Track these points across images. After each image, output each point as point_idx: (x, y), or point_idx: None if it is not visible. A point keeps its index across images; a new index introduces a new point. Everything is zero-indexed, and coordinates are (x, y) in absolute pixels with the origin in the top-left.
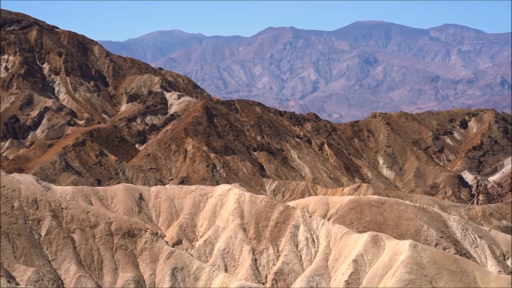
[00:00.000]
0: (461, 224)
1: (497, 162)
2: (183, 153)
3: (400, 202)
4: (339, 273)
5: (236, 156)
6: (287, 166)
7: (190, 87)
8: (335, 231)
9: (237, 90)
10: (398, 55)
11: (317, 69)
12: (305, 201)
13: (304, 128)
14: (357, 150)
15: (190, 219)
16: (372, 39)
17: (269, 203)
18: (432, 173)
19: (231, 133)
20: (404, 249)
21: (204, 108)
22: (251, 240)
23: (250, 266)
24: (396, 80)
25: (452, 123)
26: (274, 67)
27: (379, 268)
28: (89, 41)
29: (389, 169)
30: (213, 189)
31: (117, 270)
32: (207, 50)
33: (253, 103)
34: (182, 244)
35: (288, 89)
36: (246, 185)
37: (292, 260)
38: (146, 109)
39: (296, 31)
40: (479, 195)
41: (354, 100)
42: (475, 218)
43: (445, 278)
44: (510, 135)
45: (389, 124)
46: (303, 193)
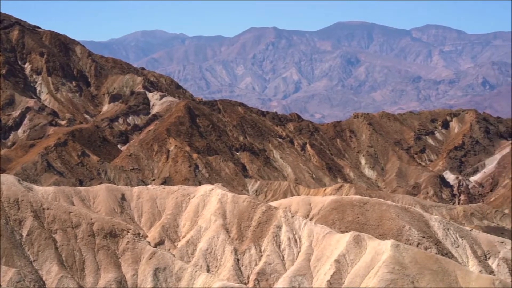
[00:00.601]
0: (443, 224)
1: (478, 162)
2: (166, 153)
3: (382, 202)
4: (321, 273)
5: (218, 156)
6: (270, 166)
7: (173, 87)
8: (317, 231)
9: (219, 90)
10: (380, 55)
11: (299, 69)
12: (287, 201)
13: (286, 128)
14: (339, 150)
15: (172, 219)
16: (354, 40)
17: (251, 203)
18: (414, 173)
19: (214, 133)
20: (386, 249)
21: (186, 108)
22: (233, 240)
23: (233, 266)
24: (378, 80)
25: (433, 123)
26: (256, 67)
27: (361, 268)
28: (71, 41)
29: (371, 169)
30: (196, 190)
31: (99, 271)
32: (190, 50)
33: (235, 103)
34: (164, 244)
35: (271, 89)
36: (229, 185)
37: (274, 260)
38: (128, 109)
39: (279, 32)
40: (461, 195)
41: (336, 101)
42: (456, 218)
43: (426, 278)
44: (492, 135)
45: (371, 125)
46: (285, 193)
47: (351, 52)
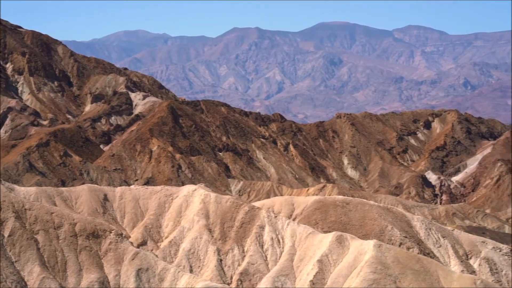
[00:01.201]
0: (425, 224)
1: (460, 163)
2: (148, 154)
3: (364, 202)
4: (304, 273)
5: (201, 157)
6: (253, 166)
7: (155, 88)
8: (300, 231)
9: (202, 90)
10: (362, 56)
11: (282, 69)
12: (270, 202)
13: (269, 128)
14: (322, 151)
15: (155, 219)
16: (337, 40)
17: (234, 203)
18: (396, 173)
19: (197, 134)
20: (368, 249)
21: (169, 109)
22: (216, 241)
23: (215, 267)
24: (361, 81)
25: (416, 123)
26: (239, 67)
27: (344, 268)
28: (53, 41)
29: (354, 170)
30: (178, 190)
31: (81, 271)
32: (172, 50)
33: (218, 103)
34: (147, 245)
35: (254, 90)
36: (212, 185)
37: (257, 261)
38: (110, 110)
39: (262, 32)
40: (443, 195)
41: (319, 101)
42: (438, 218)
43: (409, 277)
44: (473, 136)
45: (353, 125)
46: (268, 193)
47: (334, 52)
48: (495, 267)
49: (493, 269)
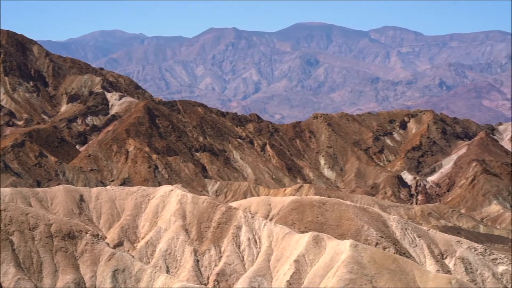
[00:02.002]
0: (401, 224)
1: (435, 163)
2: (125, 154)
3: (341, 203)
4: (280, 273)
5: (178, 157)
6: (230, 167)
7: (132, 88)
8: (277, 232)
9: (179, 90)
10: (339, 56)
11: (259, 70)
12: (247, 202)
13: (246, 129)
14: (299, 151)
15: (131, 220)
16: (314, 41)
17: (211, 204)
18: (373, 173)
19: (173, 134)
20: (345, 249)
21: (146, 109)
22: (193, 241)
23: (192, 267)
24: (337, 81)
25: (392, 124)
26: (216, 67)
27: (321, 268)
28: (28, 41)
29: (330, 170)
30: (155, 190)
31: (57, 273)
32: (149, 50)
33: (195, 103)
34: (123, 245)
35: (231, 90)
36: (188, 186)
37: (234, 261)
38: (86, 110)
39: (238, 32)
40: (418, 195)
41: (296, 101)
42: (414, 217)
43: (385, 277)
44: (448, 136)
45: (330, 125)
46: (245, 193)
47: (310, 53)
48: (470, 267)
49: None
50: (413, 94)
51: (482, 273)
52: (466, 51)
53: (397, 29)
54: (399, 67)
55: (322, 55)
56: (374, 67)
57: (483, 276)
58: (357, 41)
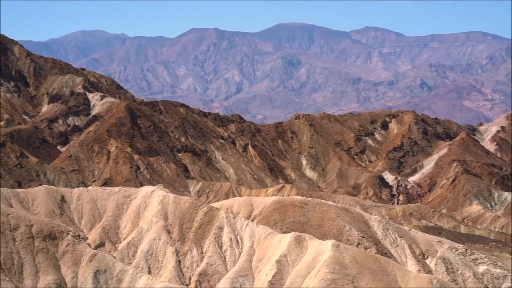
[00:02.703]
0: (382, 224)
1: (416, 163)
2: (106, 155)
3: (323, 203)
4: (262, 273)
5: (160, 158)
6: (212, 167)
7: (113, 88)
8: (259, 232)
9: (161, 91)
10: (320, 57)
11: (241, 70)
12: (229, 202)
13: (228, 129)
14: (281, 151)
15: (113, 221)
16: (295, 41)
17: (193, 204)
18: (354, 173)
19: (155, 134)
20: (326, 249)
21: (127, 109)
22: (175, 242)
23: (174, 268)
24: (319, 81)
25: (373, 124)
26: (198, 68)
27: (302, 268)
28: (9, 41)
29: (312, 170)
30: (137, 191)
31: (38, 273)
32: (131, 50)
33: (177, 104)
34: (105, 246)
35: (212, 90)
36: (170, 186)
37: (216, 261)
38: (68, 110)
39: (220, 32)
40: (400, 195)
41: (277, 102)
42: (395, 218)
43: (366, 277)
44: (429, 136)
45: (312, 126)
46: (227, 194)
47: (292, 53)
48: (451, 267)
49: (449, 268)
50: (394, 95)
51: (463, 273)
52: (447, 51)
53: (379, 30)
54: (380, 68)
55: (304, 55)
56: (356, 68)
57: (464, 276)
58: (338, 41)
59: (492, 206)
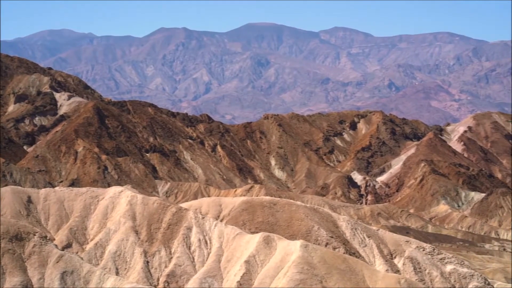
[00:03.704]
0: (351, 224)
1: (385, 163)
2: (74, 155)
3: (291, 203)
4: (231, 274)
5: (128, 158)
6: (180, 167)
7: (81, 88)
8: (227, 232)
9: (129, 91)
10: (289, 57)
11: (209, 70)
12: (197, 203)
13: (197, 129)
14: (250, 151)
15: (80, 221)
16: (264, 41)
17: (161, 205)
18: (323, 173)
19: (123, 135)
20: (295, 249)
21: (95, 109)
22: (143, 243)
23: (142, 269)
24: (288, 82)
25: (342, 124)
26: (166, 68)
27: (271, 269)
28: None
29: (281, 170)
30: (105, 191)
31: (4, 275)
32: (98, 50)
33: (145, 104)
34: (72, 247)
35: (181, 90)
36: (139, 187)
37: (184, 262)
38: (34, 110)
39: (189, 32)
40: (368, 195)
41: (246, 102)
42: (364, 218)
43: (334, 277)
44: (397, 136)
45: (281, 126)
46: (196, 194)
47: (261, 53)
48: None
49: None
50: (362, 95)
51: (431, 272)
52: (414, 52)
53: (347, 30)
54: (349, 68)
55: (272, 55)
56: (324, 68)
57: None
58: (307, 42)
59: (459, 206)
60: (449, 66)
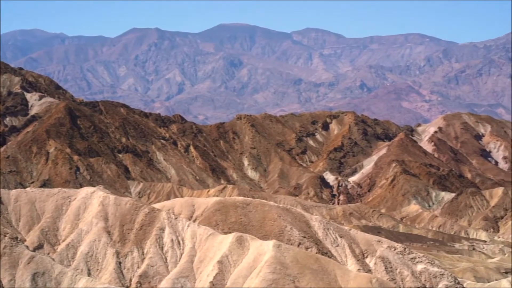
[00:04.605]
0: (323, 224)
1: (356, 163)
2: (45, 155)
3: (264, 203)
4: (204, 274)
5: (100, 158)
6: (153, 168)
7: (52, 88)
8: (200, 233)
9: (101, 91)
10: (262, 58)
11: (182, 70)
12: (170, 203)
13: (169, 129)
14: (223, 152)
15: (52, 222)
16: (237, 42)
17: (134, 205)
18: (296, 174)
19: (95, 135)
20: (268, 249)
21: (67, 109)
22: (115, 243)
23: (114, 270)
24: (261, 82)
25: (314, 125)
26: (139, 68)
27: (244, 269)
28: None
29: (254, 171)
30: (76, 192)
31: None
32: (70, 50)
33: (117, 104)
34: (43, 248)
35: (154, 91)
36: (111, 187)
37: (157, 263)
38: (5, 110)
39: (161, 32)
40: (340, 196)
41: (219, 102)
42: (336, 218)
43: (307, 277)
44: (369, 137)
45: (254, 126)
46: (168, 195)
47: (234, 54)
48: (389, 266)
49: (388, 267)
50: (335, 96)
51: (402, 272)
52: (386, 53)
53: (319, 31)
54: (321, 69)
55: (245, 56)
56: (297, 69)
57: (402, 275)
58: (280, 42)
59: (429, 205)
60: (420, 67)
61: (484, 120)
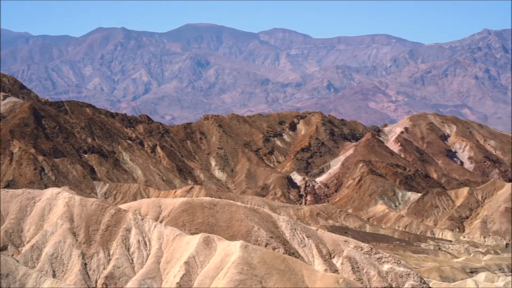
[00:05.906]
0: (290, 224)
1: (324, 163)
2: (9, 156)
3: (231, 204)
4: (171, 275)
5: (65, 159)
6: (119, 168)
7: (16, 88)
8: (167, 234)
9: (66, 91)
10: (229, 58)
11: (149, 70)
12: (137, 204)
13: (136, 130)
14: (190, 152)
15: (16, 224)
16: (204, 42)
17: (100, 206)
18: (263, 174)
19: (61, 135)
20: (235, 249)
21: (31, 109)
22: (81, 244)
23: (80, 271)
24: (228, 82)
25: (281, 125)
26: (105, 68)
27: (211, 270)
28: None
29: (221, 171)
30: (41, 193)
31: None
32: (34, 49)
33: (83, 104)
34: (7, 250)
35: (120, 91)
36: (76, 188)
37: (123, 264)
38: None
39: (127, 32)
40: (307, 196)
41: (186, 102)
42: (303, 218)
43: (274, 277)
44: (336, 137)
45: (221, 126)
46: (135, 195)
47: (201, 54)
48: (356, 266)
49: (355, 267)
50: (302, 96)
51: (368, 272)
52: (353, 54)
53: (286, 32)
54: (288, 69)
55: (212, 56)
56: (264, 69)
57: (369, 275)
58: (247, 42)
59: (396, 205)
60: (386, 67)
61: (450, 120)
